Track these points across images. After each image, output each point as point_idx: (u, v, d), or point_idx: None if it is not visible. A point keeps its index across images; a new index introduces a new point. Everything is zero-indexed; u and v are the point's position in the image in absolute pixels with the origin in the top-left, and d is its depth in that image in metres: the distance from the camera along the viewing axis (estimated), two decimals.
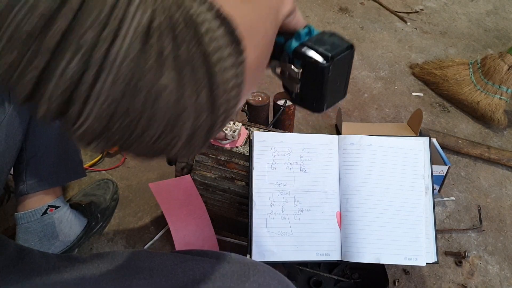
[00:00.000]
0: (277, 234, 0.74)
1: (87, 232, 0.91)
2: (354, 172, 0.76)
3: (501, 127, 1.31)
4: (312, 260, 0.74)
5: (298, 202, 0.75)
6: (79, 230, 0.89)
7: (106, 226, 0.97)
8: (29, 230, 0.80)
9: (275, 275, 0.46)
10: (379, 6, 1.94)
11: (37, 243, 0.81)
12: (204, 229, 0.87)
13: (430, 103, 1.41)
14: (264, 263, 0.48)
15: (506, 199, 1.09)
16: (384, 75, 1.52)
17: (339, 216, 0.76)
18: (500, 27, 1.84)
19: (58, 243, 0.84)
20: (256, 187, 0.75)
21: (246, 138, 0.83)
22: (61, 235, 0.85)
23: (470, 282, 0.90)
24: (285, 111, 1.11)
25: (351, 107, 1.38)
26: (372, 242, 0.74)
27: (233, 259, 0.46)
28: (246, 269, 0.44)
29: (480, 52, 1.66)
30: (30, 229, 0.80)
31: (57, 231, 0.84)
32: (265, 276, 0.44)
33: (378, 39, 1.72)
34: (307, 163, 0.77)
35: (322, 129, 1.29)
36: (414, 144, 0.79)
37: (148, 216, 1.00)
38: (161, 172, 1.11)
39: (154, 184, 0.80)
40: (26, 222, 0.80)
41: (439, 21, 1.86)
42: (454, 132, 1.29)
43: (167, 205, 0.83)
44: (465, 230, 1.00)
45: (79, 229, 0.89)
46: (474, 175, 1.15)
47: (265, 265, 0.47)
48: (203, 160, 0.82)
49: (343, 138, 0.79)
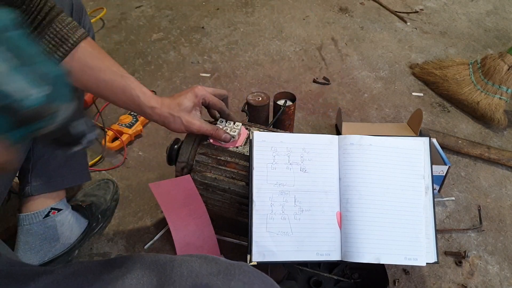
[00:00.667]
0: (277, 234, 0.73)
1: (88, 233, 0.91)
2: (354, 172, 0.76)
3: (501, 127, 1.31)
4: (312, 260, 0.74)
5: (298, 202, 0.75)
6: (80, 232, 0.89)
7: (106, 226, 0.97)
8: (30, 232, 0.80)
9: (260, 275, 0.47)
10: (379, 6, 1.94)
11: (37, 245, 0.81)
12: (204, 229, 0.87)
13: (430, 103, 1.41)
14: (250, 265, 0.49)
15: (506, 199, 1.09)
16: (384, 75, 1.52)
17: (339, 216, 0.76)
18: (500, 27, 1.84)
19: (59, 245, 0.84)
20: (256, 187, 0.75)
21: (246, 138, 0.83)
22: (62, 238, 0.85)
23: (470, 282, 0.90)
24: (285, 111, 1.11)
25: (351, 107, 1.38)
26: (372, 242, 0.74)
27: (220, 260, 0.48)
28: (232, 269, 0.46)
29: (480, 52, 1.66)
30: (31, 231, 0.80)
31: (58, 233, 0.84)
32: (249, 276, 0.46)
33: (378, 39, 1.72)
34: (307, 163, 0.77)
35: (322, 129, 1.29)
36: (414, 144, 0.79)
37: (148, 216, 1.00)
38: (161, 172, 1.11)
39: (154, 184, 0.80)
40: (28, 224, 0.80)
41: (439, 21, 1.86)
42: (454, 132, 1.29)
43: (167, 205, 0.83)
44: (465, 230, 1.00)
45: (80, 231, 0.89)
46: (474, 175, 1.15)
47: (250, 266, 0.48)
48: (203, 160, 0.82)
49: (343, 138, 0.79)
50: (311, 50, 1.63)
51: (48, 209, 0.81)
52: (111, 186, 1.03)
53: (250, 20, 1.79)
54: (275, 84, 1.46)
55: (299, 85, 1.46)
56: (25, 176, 0.78)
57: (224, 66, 1.52)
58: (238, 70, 1.51)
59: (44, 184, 0.79)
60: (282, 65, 1.55)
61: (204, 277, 0.44)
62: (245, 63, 1.54)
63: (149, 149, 1.19)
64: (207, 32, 1.70)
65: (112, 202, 1.00)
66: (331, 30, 1.76)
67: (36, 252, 0.81)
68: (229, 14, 1.82)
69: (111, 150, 1.12)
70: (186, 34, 1.68)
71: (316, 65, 1.56)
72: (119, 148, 1.15)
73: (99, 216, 0.94)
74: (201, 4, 1.88)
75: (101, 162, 1.13)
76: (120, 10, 1.84)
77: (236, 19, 1.79)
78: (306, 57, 1.59)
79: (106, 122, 1.23)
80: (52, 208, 0.81)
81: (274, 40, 1.68)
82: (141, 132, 1.22)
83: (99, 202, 0.97)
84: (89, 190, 1.02)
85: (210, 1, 1.90)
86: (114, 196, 1.02)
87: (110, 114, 1.29)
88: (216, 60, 1.55)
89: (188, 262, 0.47)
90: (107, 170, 1.11)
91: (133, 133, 1.18)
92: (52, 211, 0.82)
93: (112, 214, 1.00)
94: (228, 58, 1.57)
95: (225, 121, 0.86)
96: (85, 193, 1.01)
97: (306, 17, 1.83)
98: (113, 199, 1.01)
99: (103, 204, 0.97)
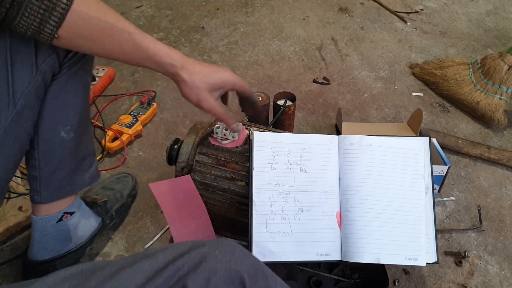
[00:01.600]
0: (277, 234, 0.73)
1: (100, 230, 0.91)
2: (354, 172, 0.76)
3: (501, 127, 1.31)
4: (312, 260, 0.74)
5: (298, 202, 0.75)
6: (92, 230, 0.89)
7: (121, 223, 0.97)
8: (44, 233, 0.80)
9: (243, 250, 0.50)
10: (379, 6, 1.94)
11: (50, 245, 0.82)
12: (204, 229, 0.87)
13: (430, 103, 1.41)
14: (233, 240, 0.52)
15: (506, 199, 1.09)
16: (384, 75, 1.52)
17: (339, 216, 0.76)
18: (500, 27, 1.84)
19: (71, 244, 0.85)
20: (256, 187, 0.75)
21: (246, 138, 0.83)
22: (75, 238, 0.85)
23: (470, 282, 0.90)
24: (285, 111, 1.11)
25: (351, 107, 1.38)
26: (372, 242, 0.74)
27: (205, 240, 0.51)
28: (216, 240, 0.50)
29: (480, 52, 1.66)
30: (45, 233, 0.80)
31: (71, 235, 0.84)
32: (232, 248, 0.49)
33: (378, 39, 1.72)
34: (307, 163, 0.77)
35: (322, 129, 1.29)
36: (414, 144, 0.79)
37: (148, 216, 1.00)
38: (161, 172, 1.11)
39: (154, 184, 0.80)
40: (42, 227, 0.79)
41: (439, 21, 1.86)
42: (454, 132, 1.29)
43: (167, 205, 0.83)
44: (465, 230, 1.00)
45: (92, 228, 0.89)
46: (474, 175, 1.15)
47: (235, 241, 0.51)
48: (203, 160, 0.82)
49: (343, 138, 0.79)
50: (311, 50, 1.63)
51: (61, 213, 0.80)
52: (130, 181, 1.02)
53: (250, 20, 1.79)
54: (275, 84, 1.46)
55: (299, 85, 1.46)
56: (33, 184, 0.76)
57: (224, 66, 1.52)
58: (238, 70, 1.51)
59: (54, 193, 0.77)
60: (282, 65, 1.55)
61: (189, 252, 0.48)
62: (245, 63, 1.54)
63: (149, 149, 1.19)
64: (207, 32, 1.70)
65: (128, 198, 0.99)
66: (331, 30, 1.76)
67: (49, 250, 0.82)
68: (229, 14, 1.82)
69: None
70: (186, 34, 1.68)
71: (316, 65, 1.56)
72: (119, 148, 1.15)
73: (113, 214, 0.93)
74: (201, 4, 1.88)
75: (101, 162, 1.13)
76: (120, 10, 1.84)
77: (236, 19, 1.79)
78: (306, 57, 1.59)
79: (106, 122, 1.23)
80: (65, 213, 0.81)
81: (274, 40, 1.68)
82: (141, 132, 1.22)
83: (115, 197, 0.96)
84: (108, 183, 1.01)
85: (210, 1, 1.90)
86: (132, 192, 1.01)
87: (110, 114, 1.29)
88: (216, 60, 1.55)
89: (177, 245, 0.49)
90: (107, 170, 1.11)
91: (133, 133, 1.18)
92: (65, 215, 0.81)
93: (127, 210, 0.99)
94: (228, 58, 1.57)
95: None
96: (104, 185, 1.00)
97: (306, 17, 1.83)
98: (130, 194, 1.00)
99: (119, 200, 0.96)
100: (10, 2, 0.50)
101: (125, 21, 0.60)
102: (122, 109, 1.31)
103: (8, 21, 0.52)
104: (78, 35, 0.57)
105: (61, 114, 0.71)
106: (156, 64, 0.64)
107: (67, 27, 0.54)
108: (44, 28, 0.53)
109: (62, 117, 0.72)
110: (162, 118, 1.29)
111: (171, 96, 1.37)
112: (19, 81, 0.61)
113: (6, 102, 0.61)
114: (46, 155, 0.73)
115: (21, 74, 0.61)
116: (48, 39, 0.55)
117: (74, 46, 0.59)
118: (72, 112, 0.73)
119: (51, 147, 0.72)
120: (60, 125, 0.72)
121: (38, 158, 0.73)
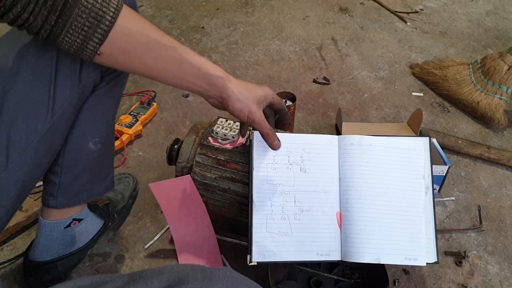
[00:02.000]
0: (277, 234, 0.73)
1: (102, 233, 0.92)
2: (354, 172, 0.76)
3: (501, 127, 1.31)
4: (312, 260, 0.74)
5: (298, 202, 0.75)
6: (95, 233, 0.89)
7: (122, 224, 0.97)
8: (50, 238, 0.80)
9: (244, 280, 0.47)
10: (379, 6, 1.94)
11: (54, 248, 0.82)
12: (204, 229, 0.87)
13: (430, 103, 1.41)
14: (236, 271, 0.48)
15: (506, 199, 1.09)
16: (384, 75, 1.52)
17: (339, 216, 0.76)
18: (500, 27, 1.84)
19: (73, 248, 0.85)
20: (256, 187, 0.75)
21: (246, 138, 0.83)
22: (78, 243, 0.86)
23: (470, 282, 0.90)
24: None
25: (351, 107, 1.38)
26: (372, 242, 0.74)
27: (206, 267, 0.47)
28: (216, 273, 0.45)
29: (480, 52, 1.66)
30: (51, 237, 0.80)
31: (76, 240, 0.84)
32: (233, 281, 0.45)
33: (378, 39, 1.72)
34: (307, 163, 0.77)
35: (322, 129, 1.29)
36: (414, 144, 0.79)
37: (148, 216, 1.00)
38: (161, 172, 1.11)
39: (154, 184, 0.80)
40: (49, 231, 0.79)
41: (439, 21, 1.86)
42: (454, 132, 1.29)
43: (167, 205, 0.83)
44: (465, 230, 1.00)
45: (95, 232, 0.89)
46: (474, 175, 1.15)
47: (234, 271, 0.47)
48: (203, 160, 0.82)
49: (343, 138, 0.79)
50: (311, 50, 1.63)
51: (70, 220, 0.80)
52: (131, 182, 1.02)
53: (250, 20, 1.79)
54: (275, 84, 1.46)
55: (299, 85, 1.46)
56: (51, 188, 0.75)
57: (224, 66, 1.52)
58: (238, 70, 1.51)
59: (69, 200, 0.77)
60: (282, 65, 1.55)
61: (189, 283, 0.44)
62: (245, 63, 1.55)
63: (149, 149, 1.19)
64: (207, 32, 1.70)
65: (130, 199, 0.99)
66: (331, 30, 1.76)
67: (52, 253, 0.82)
68: (229, 14, 1.82)
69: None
70: (186, 34, 1.68)
71: (316, 65, 1.56)
72: (119, 148, 1.15)
73: (115, 215, 0.93)
74: (201, 4, 1.88)
75: None
76: None
77: (236, 19, 1.79)
78: (306, 57, 1.59)
79: None
80: (74, 219, 0.81)
81: (274, 40, 1.68)
82: (141, 132, 1.22)
83: (116, 199, 0.96)
84: None
85: (210, 1, 1.90)
86: (132, 193, 1.01)
87: None
88: (216, 60, 1.55)
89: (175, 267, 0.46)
90: None
91: (133, 133, 1.18)
92: (74, 221, 0.81)
93: (128, 211, 0.99)
94: (228, 58, 1.57)
95: (225, 120, 0.86)
96: None
97: (306, 17, 1.83)
98: (131, 195, 1.00)
99: (120, 201, 0.96)
100: (55, 19, 0.50)
101: (168, 36, 0.59)
102: (122, 109, 1.31)
103: (53, 38, 0.51)
104: (121, 51, 0.56)
105: (92, 126, 0.71)
106: (203, 76, 0.61)
107: (110, 43, 0.54)
108: (87, 45, 0.53)
109: (93, 129, 0.72)
110: (162, 118, 1.29)
111: (171, 96, 1.37)
112: (60, 93, 0.61)
113: (45, 113, 0.61)
114: (70, 163, 0.73)
115: (63, 86, 0.61)
116: (90, 56, 0.54)
117: (115, 63, 0.58)
118: (103, 125, 0.73)
119: (76, 156, 0.72)
120: (89, 136, 0.72)
121: (61, 164, 0.72)
